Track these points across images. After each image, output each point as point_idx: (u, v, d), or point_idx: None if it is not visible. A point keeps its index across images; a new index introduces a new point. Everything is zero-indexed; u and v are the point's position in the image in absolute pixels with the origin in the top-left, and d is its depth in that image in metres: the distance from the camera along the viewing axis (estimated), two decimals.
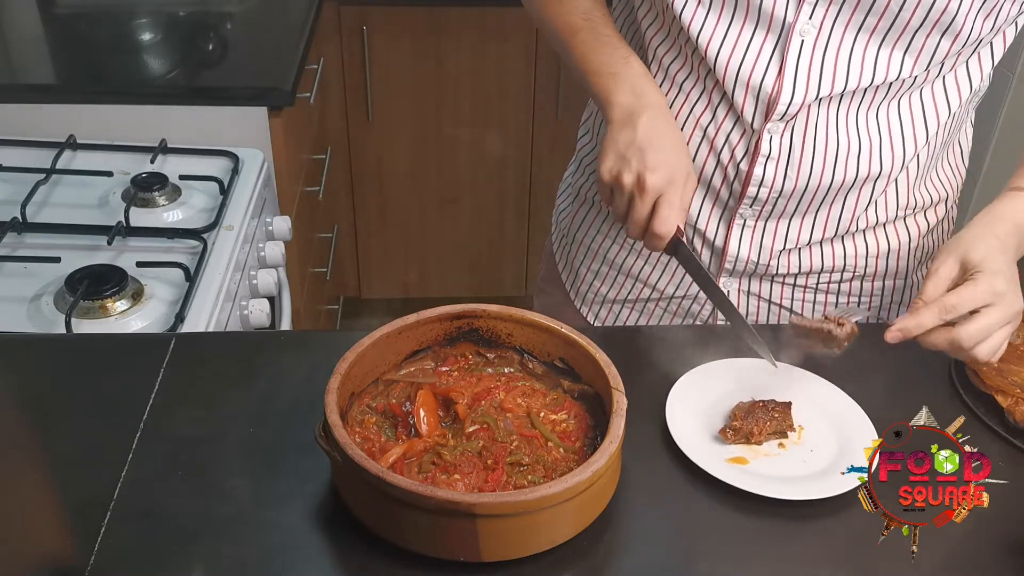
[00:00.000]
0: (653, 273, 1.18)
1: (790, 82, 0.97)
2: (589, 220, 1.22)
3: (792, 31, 0.96)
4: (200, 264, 1.38)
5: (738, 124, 1.02)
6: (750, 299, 1.16)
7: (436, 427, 0.88)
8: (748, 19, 0.97)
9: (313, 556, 0.80)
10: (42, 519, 0.85)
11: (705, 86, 1.02)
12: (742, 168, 1.04)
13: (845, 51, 0.96)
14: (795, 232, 1.09)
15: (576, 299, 1.26)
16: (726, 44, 0.98)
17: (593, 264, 1.22)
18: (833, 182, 1.03)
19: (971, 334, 0.88)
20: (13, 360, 1.04)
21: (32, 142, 1.65)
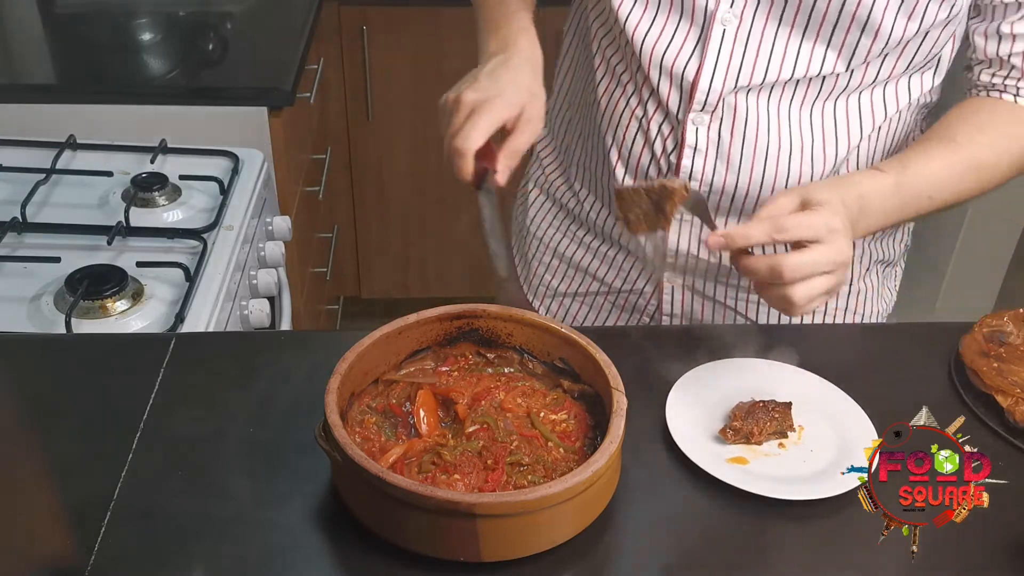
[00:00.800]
0: (601, 267, 1.19)
1: (709, 70, 0.98)
2: (542, 214, 1.24)
3: (713, 20, 0.96)
4: (200, 264, 1.38)
5: (668, 117, 1.03)
6: (695, 297, 1.16)
7: (436, 427, 0.88)
8: (673, 8, 0.98)
9: (313, 556, 0.80)
10: (42, 519, 0.85)
11: (637, 77, 1.04)
12: (672, 160, 1.04)
13: (767, 42, 0.97)
14: (732, 225, 1.07)
15: (529, 292, 1.27)
16: (651, 32, 1.00)
17: (544, 257, 1.24)
18: (764, 178, 1.03)
19: (795, 264, 0.82)
20: (13, 360, 1.04)
21: (32, 142, 1.65)
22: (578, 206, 1.19)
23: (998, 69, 1.01)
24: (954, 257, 2.65)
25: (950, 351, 1.05)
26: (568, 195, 1.20)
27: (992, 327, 1.06)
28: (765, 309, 1.15)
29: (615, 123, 1.07)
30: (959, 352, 1.03)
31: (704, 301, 1.16)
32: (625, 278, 1.18)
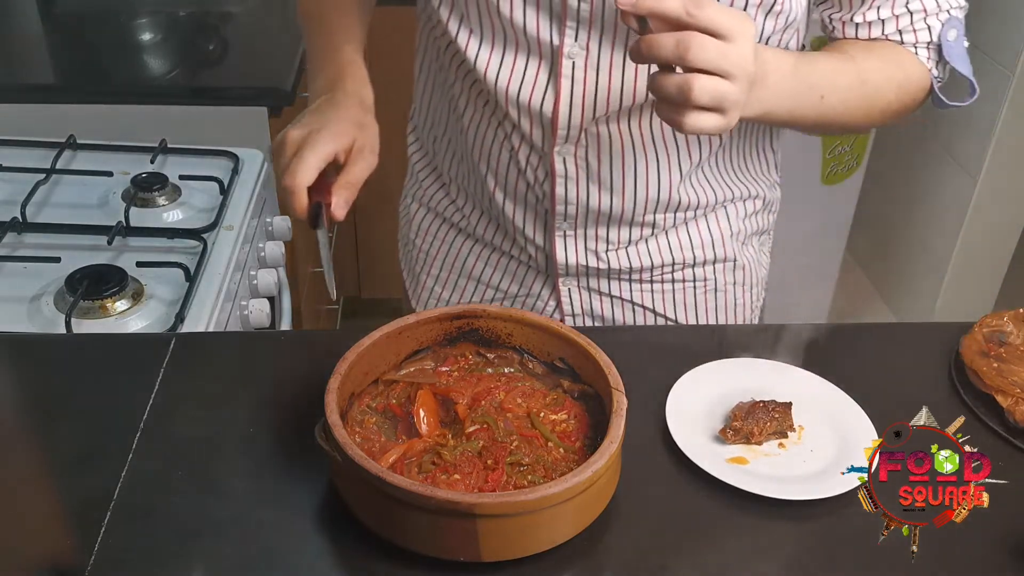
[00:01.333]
0: (495, 274, 1.18)
1: (566, 106, 0.97)
2: (426, 226, 1.22)
3: (561, 55, 0.95)
4: (200, 264, 1.38)
5: (534, 149, 1.03)
6: (592, 295, 1.16)
7: (436, 427, 0.88)
8: (519, 46, 0.97)
9: (313, 556, 0.80)
10: (42, 519, 0.85)
11: (498, 112, 1.03)
12: (546, 189, 1.05)
13: (617, 70, 0.95)
14: (615, 235, 1.09)
15: (417, 307, 1.26)
16: (503, 71, 0.98)
17: (432, 269, 1.22)
18: (637, 193, 1.04)
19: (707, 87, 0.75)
20: (13, 360, 1.04)
21: (32, 142, 1.64)
22: (464, 220, 1.18)
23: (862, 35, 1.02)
24: (954, 257, 2.65)
25: (950, 351, 1.05)
26: (451, 209, 1.19)
27: (992, 327, 1.06)
28: (666, 298, 1.16)
29: (487, 152, 1.07)
30: (959, 352, 1.03)
31: (603, 298, 1.16)
32: (521, 282, 1.17)
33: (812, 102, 0.89)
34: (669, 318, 1.17)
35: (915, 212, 2.83)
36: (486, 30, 0.98)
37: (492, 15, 0.96)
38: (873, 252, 3.10)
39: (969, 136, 2.53)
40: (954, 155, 2.61)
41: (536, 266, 1.15)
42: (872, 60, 0.95)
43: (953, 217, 2.62)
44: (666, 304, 1.16)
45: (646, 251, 1.12)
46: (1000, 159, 2.46)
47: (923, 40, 1.00)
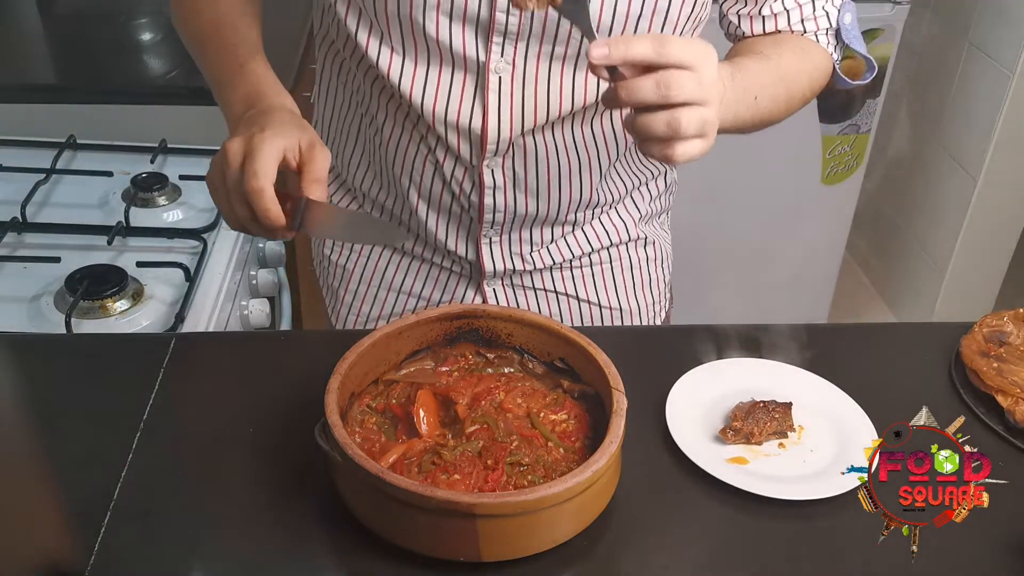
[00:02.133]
0: (416, 282, 1.17)
1: (495, 121, 0.98)
2: (340, 243, 1.20)
3: (487, 71, 0.95)
4: (200, 264, 1.37)
5: (459, 161, 1.02)
6: (517, 291, 1.17)
7: (436, 427, 0.88)
8: (444, 63, 0.96)
9: (313, 556, 0.80)
10: (42, 519, 0.85)
11: (420, 127, 1.02)
12: (473, 200, 1.06)
13: (543, 82, 0.97)
14: (539, 236, 1.12)
15: (338, 323, 1.24)
16: (428, 90, 0.97)
17: (351, 284, 1.20)
18: (561, 197, 1.07)
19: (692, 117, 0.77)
20: (13, 360, 1.04)
21: (32, 142, 1.64)
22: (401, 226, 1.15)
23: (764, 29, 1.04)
24: (954, 257, 2.65)
25: (950, 351, 1.05)
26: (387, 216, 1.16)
27: (992, 327, 1.06)
28: (587, 283, 1.18)
29: (409, 166, 1.06)
30: (959, 352, 1.03)
31: (526, 291, 1.17)
32: (444, 288, 1.17)
33: (749, 105, 0.91)
34: (591, 301, 1.19)
35: (915, 212, 2.83)
36: (408, 48, 0.96)
37: (416, 34, 0.95)
38: (873, 252, 3.10)
39: (969, 136, 2.52)
40: (954, 155, 2.61)
41: (461, 272, 1.15)
42: (785, 54, 0.98)
43: (953, 217, 2.62)
44: (587, 288, 1.18)
45: (566, 246, 1.14)
46: (1000, 159, 2.46)
47: (823, 27, 1.03)
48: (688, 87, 0.76)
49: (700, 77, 0.77)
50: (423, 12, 0.92)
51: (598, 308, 1.20)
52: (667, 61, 0.76)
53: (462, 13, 0.92)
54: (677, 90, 0.76)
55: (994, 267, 2.69)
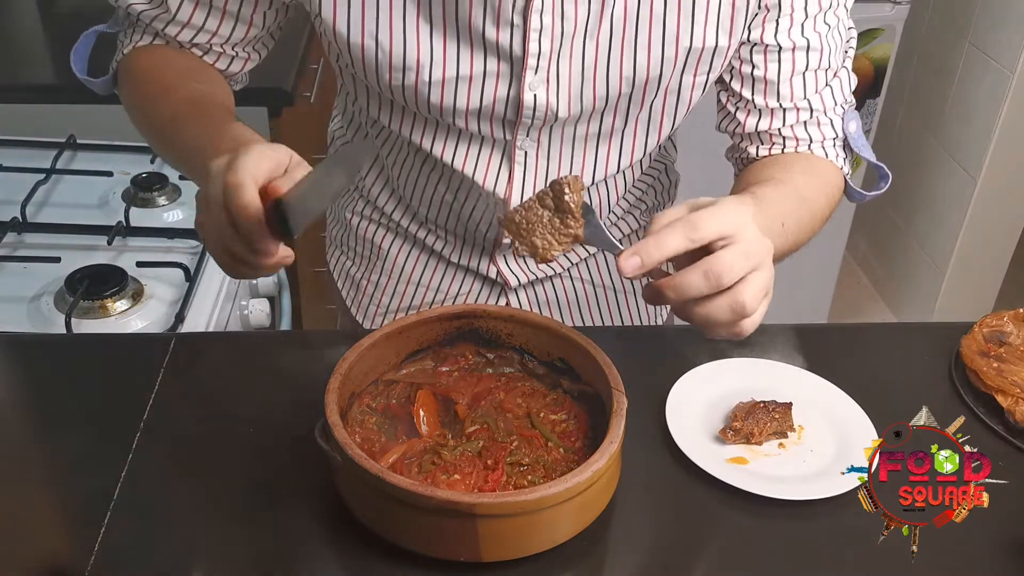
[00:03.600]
0: (435, 276, 1.18)
1: (519, 189, 1.03)
2: (362, 231, 1.21)
3: (514, 147, 1.00)
4: (200, 264, 1.37)
5: (484, 213, 1.07)
6: (535, 282, 1.18)
7: (436, 427, 0.88)
8: (473, 139, 1.00)
9: (313, 556, 0.80)
10: (42, 519, 0.85)
11: (448, 177, 1.05)
12: (489, 237, 1.10)
13: (567, 157, 1.02)
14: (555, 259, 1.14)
15: (358, 314, 1.25)
16: (458, 153, 1.01)
17: (373, 275, 1.21)
18: None
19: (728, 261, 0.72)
20: (13, 360, 1.04)
21: (32, 142, 1.65)
22: (421, 229, 1.16)
23: (771, 146, 1.02)
24: (954, 257, 2.65)
25: (950, 351, 1.05)
26: (399, 214, 1.16)
27: (992, 327, 1.06)
28: (600, 268, 1.20)
29: (428, 201, 1.10)
30: (959, 352, 1.03)
31: (543, 279, 1.19)
32: (461, 281, 1.18)
33: (778, 232, 0.88)
34: (607, 285, 1.21)
35: (915, 212, 2.83)
36: (440, 129, 1.00)
37: (443, 121, 0.98)
38: (873, 252, 3.10)
39: (969, 136, 2.52)
40: (954, 155, 2.61)
41: (478, 270, 1.17)
42: (797, 176, 0.96)
43: (953, 217, 2.62)
44: (602, 273, 1.20)
45: (581, 247, 1.14)
46: (1000, 159, 2.46)
47: (828, 136, 1.01)
48: (738, 265, 0.72)
49: (744, 246, 0.73)
50: (452, 115, 0.96)
51: (612, 292, 1.21)
52: (703, 242, 0.73)
53: (489, 116, 0.96)
54: (728, 275, 0.72)
55: (994, 267, 2.69)
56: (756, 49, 0.96)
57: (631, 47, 0.92)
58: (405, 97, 0.95)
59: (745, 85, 0.99)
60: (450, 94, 0.94)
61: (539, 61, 0.92)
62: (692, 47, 0.93)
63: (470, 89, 0.94)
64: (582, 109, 0.96)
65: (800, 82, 0.98)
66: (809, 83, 0.98)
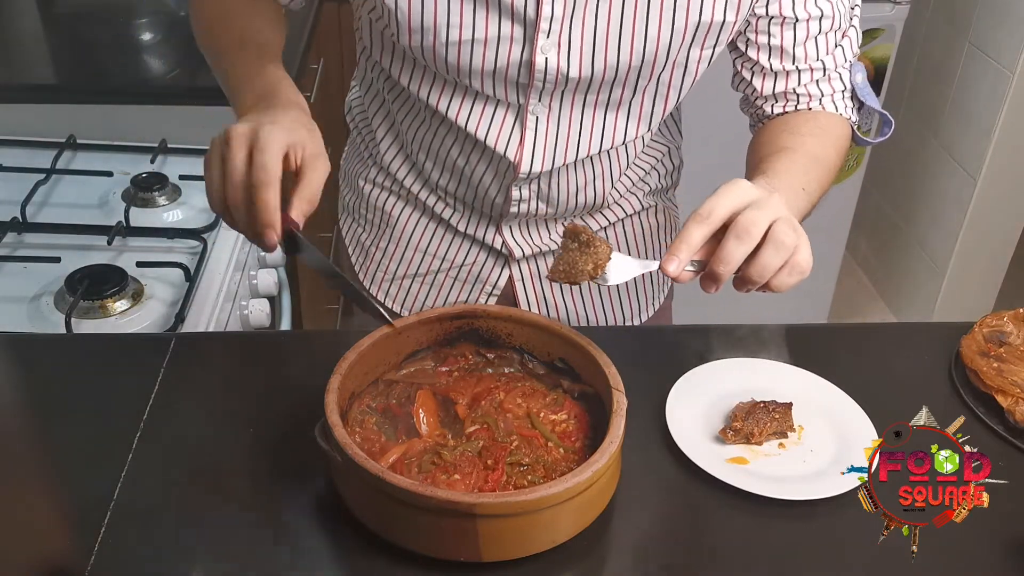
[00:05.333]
0: (442, 245, 1.20)
1: (529, 154, 1.05)
2: (373, 198, 1.23)
3: (526, 112, 1.03)
4: (200, 264, 1.37)
5: (494, 178, 1.09)
6: (539, 258, 1.20)
7: (436, 427, 0.88)
8: (488, 102, 1.03)
9: (313, 556, 0.80)
10: (42, 519, 0.85)
11: (461, 140, 1.07)
12: (498, 203, 1.12)
13: (576, 123, 1.04)
14: (555, 226, 1.18)
15: (366, 279, 1.27)
16: (472, 116, 1.04)
17: (381, 243, 1.24)
18: (578, 204, 1.13)
19: (745, 224, 0.79)
20: (13, 360, 1.04)
21: (32, 142, 1.64)
22: (431, 196, 1.18)
23: (786, 103, 1.07)
24: (954, 257, 2.65)
25: (950, 351, 1.05)
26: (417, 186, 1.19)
27: (992, 327, 1.06)
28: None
29: (440, 164, 1.12)
30: (959, 352, 1.03)
31: (547, 257, 1.20)
32: (467, 251, 1.20)
33: (800, 196, 0.94)
34: None
35: (915, 212, 2.83)
36: (457, 90, 1.03)
37: (460, 82, 1.01)
38: (873, 252, 3.10)
39: (969, 136, 2.52)
40: (954, 155, 2.60)
41: (484, 241, 1.19)
42: (807, 140, 1.02)
43: (953, 217, 2.62)
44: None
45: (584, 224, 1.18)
46: (1000, 159, 2.46)
47: (838, 89, 1.07)
48: (758, 217, 0.80)
49: (755, 204, 0.81)
50: (469, 76, 0.99)
51: None
52: (723, 217, 0.80)
53: (503, 78, 0.99)
54: (755, 227, 0.80)
55: (994, 267, 2.68)
56: (774, 21, 1.01)
57: (643, 18, 0.95)
58: (426, 58, 0.99)
59: (761, 52, 1.03)
60: (466, 55, 0.96)
61: (551, 25, 0.94)
62: (701, 21, 0.96)
63: (485, 51, 0.96)
64: (592, 75, 0.98)
65: (813, 45, 1.03)
66: (821, 45, 1.03)
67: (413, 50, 0.99)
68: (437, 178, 1.14)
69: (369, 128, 1.21)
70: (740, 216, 0.80)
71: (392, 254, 1.23)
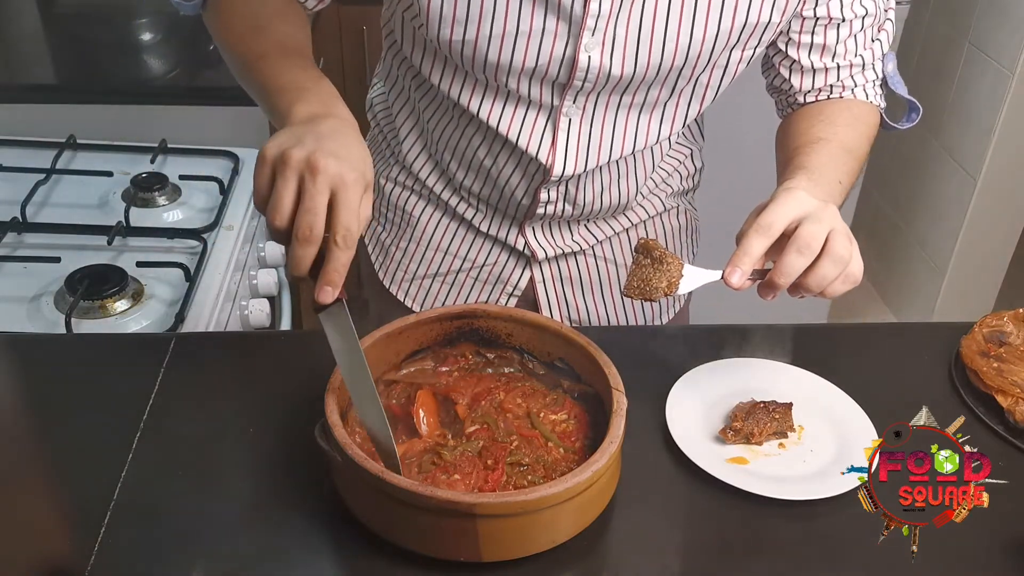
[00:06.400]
0: (463, 245, 1.20)
1: (561, 156, 1.05)
2: (395, 198, 1.23)
3: (559, 113, 1.02)
4: (200, 264, 1.37)
5: (521, 180, 1.09)
6: (560, 259, 1.20)
7: (436, 427, 0.88)
8: (520, 102, 1.02)
9: (313, 556, 0.80)
10: (42, 519, 0.85)
11: (489, 140, 1.07)
12: (524, 204, 1.12)
13: (609, 126, 1.04)
14: (579, 228, 1.18)
15: (385, 278, 1.28)
16: (504, 118, 1.03)
17: (402, 243, 1.24)
18: (603, 207, 1.14)
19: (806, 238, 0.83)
20: (13, 360, 1.04)
21: (32, 142, 1.65)
22: (454, 196, 1.18)
23: (819, 93, 1.08)
24: (954, 257, 2.65)
25: (950, 351, 1.05)
26: (440, 186, 1.18)
27: (992, 327, 1.06)
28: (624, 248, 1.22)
29: (467, 165, 1.12)
30: (959, 352, 1.03)
31: (568, 257, 1.20)
32: (489, 251, 1.20)
33: (836, 190, 0.97)
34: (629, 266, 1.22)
35: (915, 212, 2.83)
36: (489, 90, 1.02)
37: (493, 81, 1.00)
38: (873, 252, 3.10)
39: (969, 136, 2.52)
40: (954, 155, 2.60)
41: (506, 242, 1.19)
42: (839, 130, 1.04)
43: (953, 217, 2.62)
44: (626, 254, 1.23)
45: (607, 224, 1.20)
46: (1000, 159, 2.46)
47: (870, 79, 1.09)
48: (818, 231, 0.83)
49: (813, 217, 0.84)
50: (507, 74, 0.98)
51: None
52: (781, 229, 0.84)
53: (542, 76, 0.98)
54: (815, 241, 0.83)
55: (994, 267, 2.68)
56: (820, 22, 1.02)
57: (689, 18, 0.95)
58: (463, 54, 0.97)
59: (802, 50, 1.04)
60: (508, 50, 0.96)
61: (597, 22, 0.94)
62: (747, 22, 0.97)
63: (528, 45, 0.96)
64: (634, 75, 0.98)
65: (854, 41, 1.05)
66: (860, 41, 1.05)
67: (452, 44, 0.97)
68: (462, 179, 1.13)
69: (392, 127, 1.20)
70: (800, 229, 0.83)
71: (413, 254, 1.23)
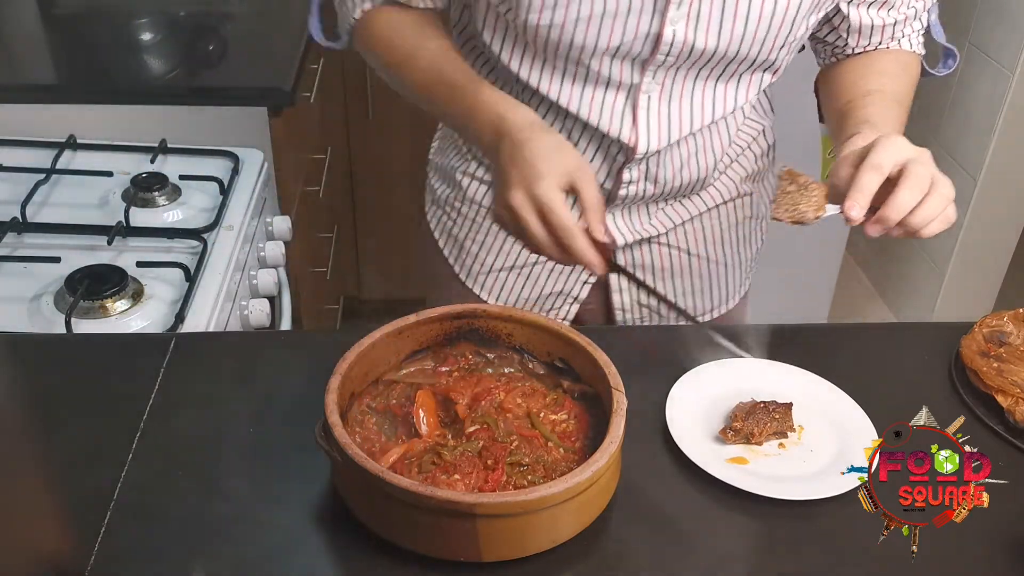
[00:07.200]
0: None
1: (644, 134, 1.06)
2: (471, 192, 1.23)
3: (638, 92, 1.03)
4: (200, 264, 1.37)
5: (604, 162, 1.10)
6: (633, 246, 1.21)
7: (436, 427, 0.88)
8: (599, 84, 1.04)
9: (313, 556, 0.80)
10: (42, 519, 0.85)
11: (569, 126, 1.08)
12: (607, 187, 1.13)
13: (687, 97, 1.06)
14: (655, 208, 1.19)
15: (461, 272, 1.28)
16: (584, 99, 1.05)
17: (479, 236, 1.24)
18: (683, 183, 1.15)
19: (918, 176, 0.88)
20: (13, 360, 1.04)
21: (32, 142, 1.64)
22: None
23: (868, 44, 1.13)
24: (954, 257, 2.65)
25: (950, 351, 1.05)
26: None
27: (992, 327, 1.06)
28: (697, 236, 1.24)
29: None
30: (959, 352, 1.03)
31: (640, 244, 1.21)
32: None
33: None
34: (699, 255, 1.25)
35: None
36: (567, 75, 1.03)
37: (574, 65, 1.02)
38: (873, 252, 3.10)
39: (969, 136, 2.52)
40: (954, 155, 2.60)
41: None
42: (888, 81, 1.09)
43: None
44: (697, 242, 1.24)
45: (682, 207, 1.21)
46: (1000, 159, 2.46)
47: (917, 29, 1.14)
48: (926, 172, 0.89)
49: (918, 160, 0.89)
50: (591, 55, 1.00)
51: (705, 261, 1.25)
52: (890, 168, 0.89)
53: (625, 54, 1.00)
54: (927, 181, 0.88)
55: (994, 267, 2.68)
56: None
57: None
58: (549, 38, 0.99)
59: (862, 7, 1.08)
60: (594, 31, 0.97)
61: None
62: None
63: (613, 24, 0.97)
64: (717, 47, 0.99)
65: None
66: None
67: (540, 29, 0.98)
68: None
69: None
70: (911, 169, 0.88)
71: (490, 247, 1.24)
